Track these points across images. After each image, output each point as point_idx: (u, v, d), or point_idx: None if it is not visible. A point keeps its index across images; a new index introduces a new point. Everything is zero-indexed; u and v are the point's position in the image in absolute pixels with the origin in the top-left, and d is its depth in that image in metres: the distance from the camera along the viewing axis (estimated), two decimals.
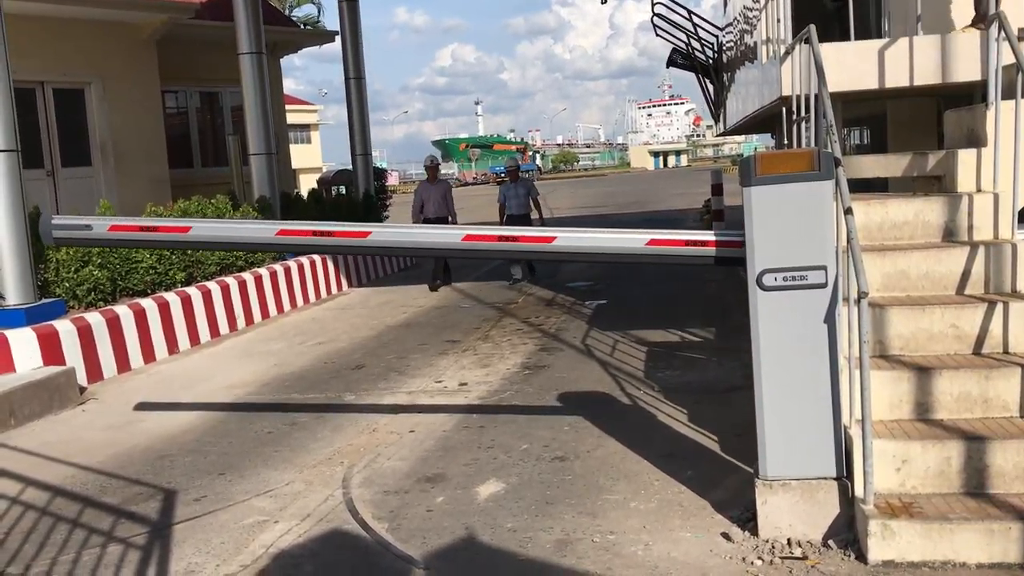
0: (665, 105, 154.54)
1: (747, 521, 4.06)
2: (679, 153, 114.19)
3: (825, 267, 3.82)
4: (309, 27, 28.01)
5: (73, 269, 8.51)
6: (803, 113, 5.45)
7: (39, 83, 12.46)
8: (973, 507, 3.68)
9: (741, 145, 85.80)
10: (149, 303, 8.71)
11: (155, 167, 13.91)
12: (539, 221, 12.45)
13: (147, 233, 5.03)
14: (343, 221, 14.48)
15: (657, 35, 14.32)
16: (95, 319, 7.94)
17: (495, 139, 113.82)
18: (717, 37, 14.35)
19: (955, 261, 4.61)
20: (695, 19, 14.08)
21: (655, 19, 13.88)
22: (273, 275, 11.00)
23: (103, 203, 9.38)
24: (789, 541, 3.86)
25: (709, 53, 14.37)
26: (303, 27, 25.89)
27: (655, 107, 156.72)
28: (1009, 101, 4.80)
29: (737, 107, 11.27)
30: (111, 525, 4.56)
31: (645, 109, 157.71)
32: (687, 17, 13.93)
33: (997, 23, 4.88)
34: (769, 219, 3.87)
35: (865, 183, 5.95)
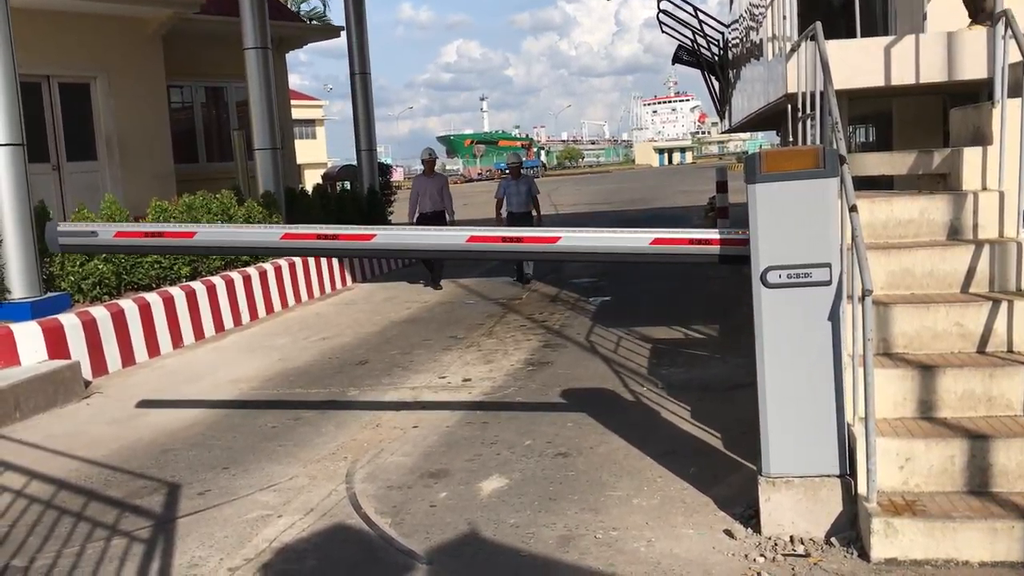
0: (670, 102, 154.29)
1: (750, 518, 4.07)
2: (684, 150, 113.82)
3: (829, 264, 3.81)
4: (315, 22, 28.00)
5: (78, 263, 8.53)
6: (808, 110, 5.44)
7: (45, 77, 12.48)
8: (976, 506, 3.68)
9: (746, 142, 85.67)
10: (154, 297, 8.73)
11: (160, 162, 13.94)
12: (537, 220, 12.21)
13: (152, 239, 5.10)
14: (348, 215, 14.47)
15: (663, 32, 14.29)
16: (100, 313, 7.96)
17: (500, 135, 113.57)
18: (723, 34, 14.32)
19: (960, 259, 4.61)
20: (701, 16, 14.05)
21: (661, 16, 13.85)
22: (277, 270, 11.01)
23: (108, 197, 9.39)
24: (792, 538, 3.86)
25: (715, 50, 14.34)
26: (309, 22, 25.88)
27: (660, 104, 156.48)
28: (1015, 99, 4.79)
29: (742, 104, 11.24)
30: (115, 518, 4.58)
31: (650, 106, 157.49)
32: (693, 14, 13.90)
33: (1004, 20, 4.87)
34: (774, 216, 3.86)
35: (870, 181, 5.93)
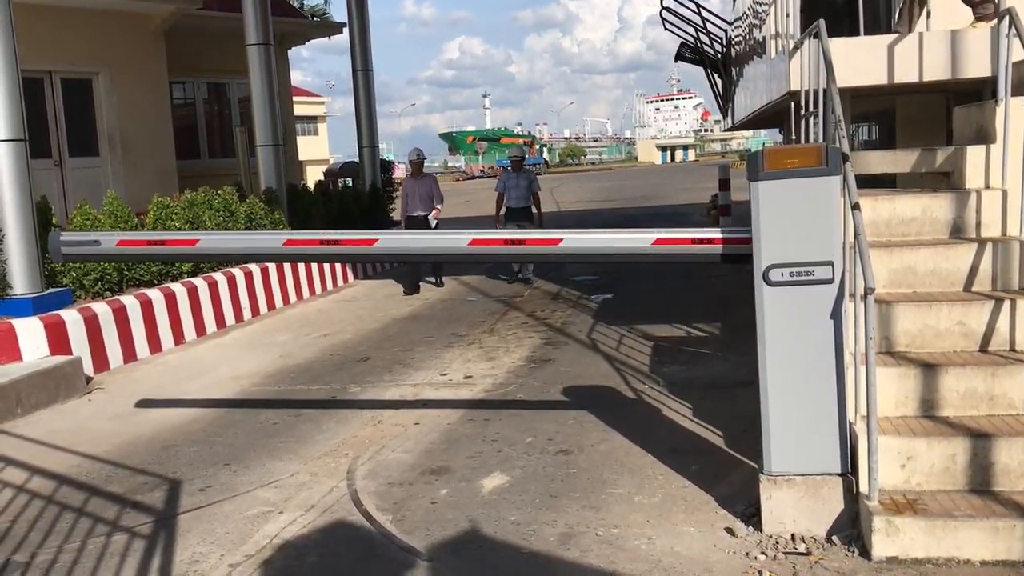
0: (673, 99, 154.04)
1: (751, 516, 4.06)
2: (686, 148, 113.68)
3: (832, 263, 3.81)
4: (317, 19, 27.94)
5: None
6: (811, 108, 5.43)
7: (47, 73, 12.48)
8: (978, 504, 3.67)
9: (749, 140, 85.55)
10: (156, 294, 8.73)
11: (162, 158, 13.94)
12: (538, 218, 11.83)
13: (155, 247, 5.12)
14: (349, 212, 14.42)
15: (665, 29, 14.26)
16: (102, 309, 7.96)
17: (502, 132, 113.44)
18: (726, 31, 14.29)
19: (962, 258, 4.60)
20: (704, 13, 14.01)
21: (663, 13, 13.83)
22: (279, 267, 11.01)
23: (110, 193, 9.40)
24: (793, 536, 3.86)
25: (718, 47, 14.31)
26: (311, 18, 25.83)
27: (663, 101, 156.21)
28: (1019, 97, 4.78)
29: (745, 102, 11.21)
30: (116, 514, 4.58)
31: (653, 103, 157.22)
32: (696, 11, 13.86)
33: (1008, 19, 4.85)
34: (776, 214, 3.86)
35: (873, 179, 5.92)
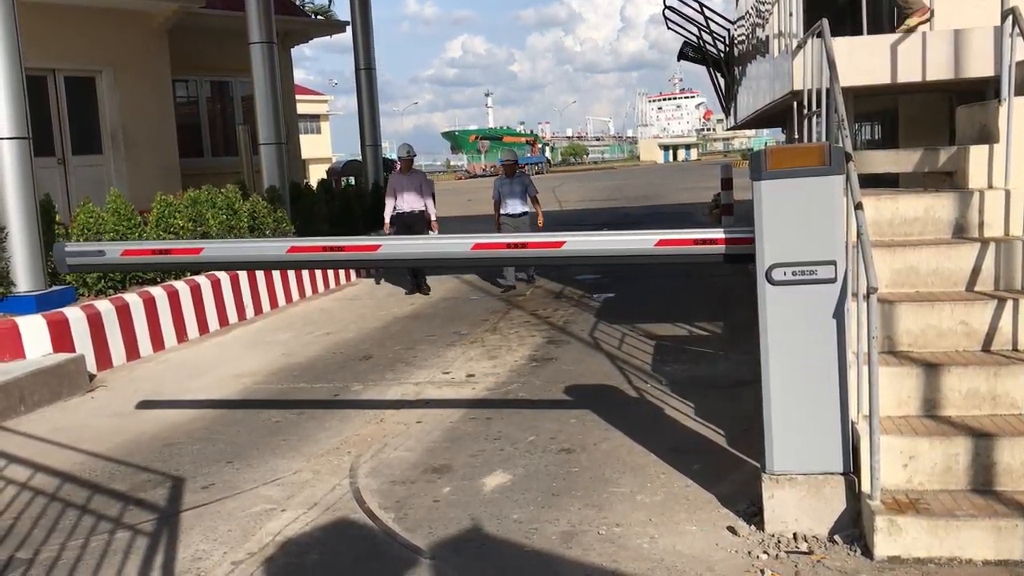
0: (675, 99, 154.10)
1: (753, 515, 4.07)
2: (689, 147, 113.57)
3: (835, 262, 3.81)
4: (320, 17, 28.00)
5: None
6: (814, 107, 5.43)
7: (51, 71, 12.49)
8: (980, 504, 3.67)
9: (751, 139, 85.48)
10: (158, 291, 8.75)
11: (165, 156, 13.95)
12: (539, 220, 11.48)
13: (160, 256, 5.11)
14: (352, 210, 14.38)
15: (668, 28, 14.26)
16: (104, 306, 7.97)
17: (505, 131, 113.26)
18: (728, 31, 14.29)
19: (965, 258, 4.60)
20: (706, 12, 14.01)
21: (666, 12, 13.83)
22: None
23: (113, 191, 9.41)
24: (795, 536, 3.86)
25: (720, 47, 14.30)
26: (314, 17, 25.89)
27: (665, 100, 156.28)
28: (1022, 97, 4.78)
29: (748, 101, 11.22)
30: (119, 512, 4.59)
31: (655, 102, 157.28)
32: (698, 10, 13.86)
33: (1011, 18, 4.85)
34: (779, 213, 3.86)
35: (876, 178, 5.92)
